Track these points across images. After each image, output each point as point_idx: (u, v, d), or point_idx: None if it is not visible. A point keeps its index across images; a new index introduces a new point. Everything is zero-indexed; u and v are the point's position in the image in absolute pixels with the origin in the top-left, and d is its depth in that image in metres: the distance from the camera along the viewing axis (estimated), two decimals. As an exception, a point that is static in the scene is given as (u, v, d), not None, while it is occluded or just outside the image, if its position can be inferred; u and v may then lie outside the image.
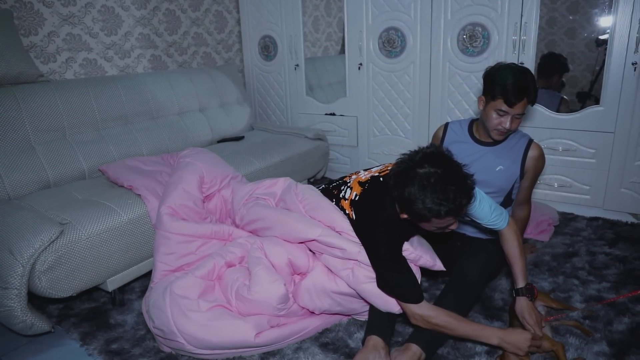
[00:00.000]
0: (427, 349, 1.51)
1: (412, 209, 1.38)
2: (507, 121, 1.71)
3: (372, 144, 3.30)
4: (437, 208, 1.33)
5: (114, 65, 2.91)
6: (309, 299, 1.68)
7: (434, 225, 1.43)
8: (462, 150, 1.93)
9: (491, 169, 1.86)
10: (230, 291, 1.66)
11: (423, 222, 1.42)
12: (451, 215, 1.36)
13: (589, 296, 1.88)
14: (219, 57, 3.67)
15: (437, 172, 1.34)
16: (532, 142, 1.87)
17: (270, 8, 3.44)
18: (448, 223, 1.41)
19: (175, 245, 1.82)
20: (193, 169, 2.06)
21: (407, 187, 1.36)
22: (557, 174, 2.71)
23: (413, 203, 1.35)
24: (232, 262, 1.77)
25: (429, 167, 1.36)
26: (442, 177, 1.34)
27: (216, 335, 1.55)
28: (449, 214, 1.35)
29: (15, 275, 1.60)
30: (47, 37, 2.54)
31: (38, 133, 2.20)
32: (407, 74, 3.01)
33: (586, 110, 2.56)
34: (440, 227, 1.44)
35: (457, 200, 1.33)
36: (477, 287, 1.67)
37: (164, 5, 3.16)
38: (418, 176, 1.35)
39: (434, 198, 1.32)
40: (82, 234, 1.77)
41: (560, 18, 3.60)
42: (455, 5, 2.73)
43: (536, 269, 2.11)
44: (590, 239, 2.39)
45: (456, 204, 1.33)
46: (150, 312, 1.66)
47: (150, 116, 2.77)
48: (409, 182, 1.36)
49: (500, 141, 1.86)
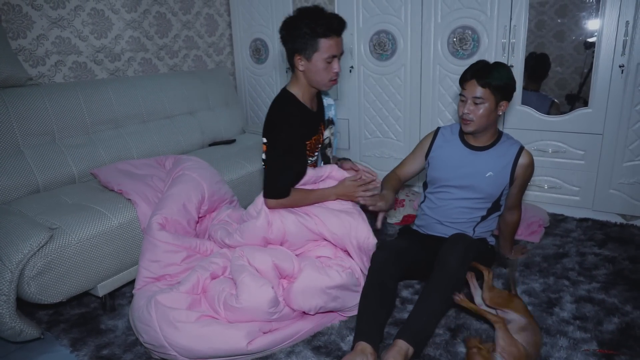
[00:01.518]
0: (414, 342, 1.50)
1: (300, 38, 1.66)
2: (464, 106, 1.77)
3: (363, 146, 3.31)
4: (320, 20, 1.63)
5: (104, 69, 2.89)
6: (304, 300, 1.67)
7: (323, 58, 1.67)
8: (452, 154, 1.94)
9: (481, 174, 1.87)
10: (218, 303, 1.64)
11: (313, 50, 1.66)
12: (334, 31, 1.65)
13: (579, 297, 1.90)
14: (210, 60, 3.66)
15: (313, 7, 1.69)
16: (523, 149, 1.88)
17: (261, 11, 3.44)
18: (337, 51, 1.69)
19: (161, 254, 1.80)
20: (197, 187, 2.03)
21: (293, 25, 1.66)
22: (547, 176, 2.73)
23: (300, 30, 1.64)
24: (216, 273, 1.76)
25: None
26: (317, 8, 1.68)
27: (208, 345, 1.54)
28: (332, 29, 1.65)
29: (4, 281, 1.58)
30: (36, 40, 2.52)
31: (27, 137, 2.18)
32: (398, 77, 3.02)
33: (575, 113, 2.59)
34: (329, 60, 1.68)
35: (332, 16, 1.66)
36: (456, 274, 1.63)
37: (154, 8, 3.14)
38: (298, 13, 1.67)
39: (312, 15, 1.64)
40: (72, 239, 1.75)
41: (549, 21, 3.63)
42: (445, 9, 2.75)
43: (527, 270, 2.12)
44: (580, 240, 2.41)
45: (332, 19, 1.65)
46: (137, 327, 1.64)
47: (141, 119, 2.75)
48: (292, 21, 1.67)
49: (489, 146, 1.87)
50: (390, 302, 1.67)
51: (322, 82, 1.75)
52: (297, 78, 1.79)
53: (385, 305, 1.63)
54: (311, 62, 1.70)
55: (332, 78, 1.75)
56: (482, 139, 1.89)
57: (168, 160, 2.37)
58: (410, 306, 1.88)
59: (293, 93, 1.79)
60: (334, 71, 1.73)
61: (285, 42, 1.73)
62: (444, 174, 1.95)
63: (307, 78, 1.76)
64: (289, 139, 1.72)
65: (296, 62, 1.73)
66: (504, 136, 1.93)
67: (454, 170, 1.92)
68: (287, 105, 1.77)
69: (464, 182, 1.89)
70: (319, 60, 1.69)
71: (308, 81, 1.77)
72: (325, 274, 1.70)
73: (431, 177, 2.01)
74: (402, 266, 1.74)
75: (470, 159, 1.89)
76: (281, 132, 1.72)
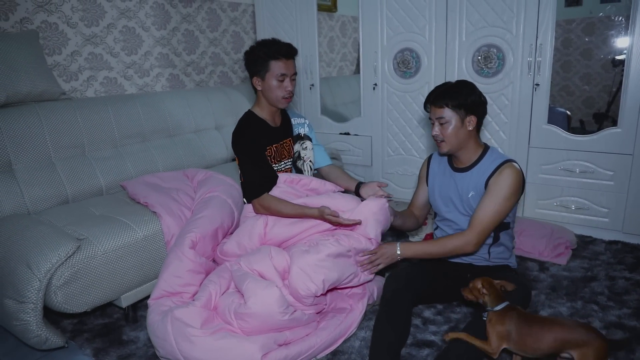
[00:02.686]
0: None
1: (255, 62, 1.95)
2: (433, 128, 1.78)
3: (386, 163, 3.30)
4: (269, 47, 1.94)
5: (134, 84, 2.98)
6: (307, 279, 1.69)
7: (275, 76, 1.94)
8: (443, 181, 1.91)
9: (464, 195, 1.82)
10: (229, 314, 1.65)
11: (264, 71, 1.95)
12: (283, 55, 1.94)
13: (609, 322, 1.83)
14: (235, 76, 3.74)
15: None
16: (506, 163, 1.74)
17: (287, 29, 3.50)
18: (287, 71, 1.95)
19: (185, 272, 1.82)
20: (230, 216, 2.08)
21: (251, 52, 1.97)
22: (574, 197, 2.67)
23: (255, 54, 1.95)
24: (226, 287, 1.80)
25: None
26: (273, 39, 2.00)
27: (223, 358, 1.54)
28: (281, 53, 1.93)
29: (32, 289, 1.62)
30: (70, 57, 2.61)
31: (58, 149, 2.25)
32: (421, 94, 3.02)
33: (603, 132, 2.54)
34: (280, 78, 1.95)
35: (282, 43, 1.96)
36: None
37: (183, 26, 3.23)
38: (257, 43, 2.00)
39: (266, 43, 1.96)
40: (98, 250, 1.79)
41: (575, 39, 3.59)
42: (470, 27, 2.75)
43: (554, 293, 2.06)
44: (609, 263, 2.34)
45: (282, 45, 1.95)
46: (153, 341, 1.66)
47: (168, 134, 2.82)
48: (251, 49, 1.98)
49: (472, 165, 1.80)
50: (404, 329, 1.65)
51: (276, 99, 2.00)
52: (258, 98, 2.08)
53: (398, 332, 1.61)
54: (265, 82, 1.98)
55: (285, 96, 1.99)
56: (464, 159, 1.82)
57: (198, 174, 2.39)
58: (432, 326, 1.85)
59: (253, 111, 2.08)
60: (286, 89, 1.98)
61: (247, 66, 2.03)
62: (439, 204, 1.93)
63: (264, 97, 2.03)
64: (247, 147, 1.98)
65: (254, 83, 2.02)
66: (489, 152, 1.82)
67: (442, 198, 1.91)
68: (244, 121, 2.05)
69: (454, 203, 1.86)
70: (271, 79, 1.96)
71: (266, 99, 2.03)
72: (314, 251, 1.74)
73: (433, 206, 2.00)
74: (414, 293, 1.74)
75: (455, 181, 1.85)
76: (239, 143, 2.00)
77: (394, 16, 3.00)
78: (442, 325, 1.86)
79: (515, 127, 2.75)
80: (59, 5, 2.52)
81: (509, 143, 2.79)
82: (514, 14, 2.60)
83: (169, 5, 3.11)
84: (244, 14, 3.70)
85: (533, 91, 2.64)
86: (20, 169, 2.10)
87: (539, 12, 2.53)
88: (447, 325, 1.85)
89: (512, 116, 2.75)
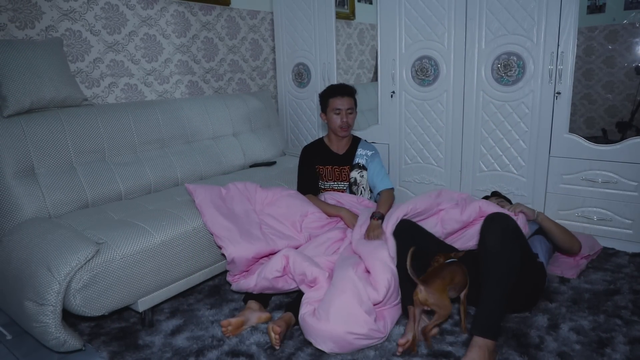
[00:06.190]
0: (490, 335, 1.62)
1: (321, 100, 2.53)
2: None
3: (403, 171, 3.28)
4: (329, 89, 2.51)
5: (153, 91, 3.02)
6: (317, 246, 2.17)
7: (334, 110, 2.46)
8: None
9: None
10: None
11: (326, 107, 2.49)
12: (338, 93, 2.45)
13: (633, 338, 1.78)
14: (253, 83, 3.77)
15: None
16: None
17: (305, 37, 3.52)
18: (341, 106, 2.44)
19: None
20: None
21: (320, 95, 2.56)
22: (596, 207, 2.61)
23: (321, 95, 2.53)
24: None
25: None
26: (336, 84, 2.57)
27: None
28: (336, 92, 2.46)
29: (52, 292, 1.64)
30: (92, 63, 2.67)
31: (80, 154, 2.29)
32: (440, 103, 3.00)
33: (627, 142, 2.48)
34: (337, 112, 2.45)
35: (342, 85, 2.51)
36: (501, 255, 1.68)
37: (202, 34, 3.28)
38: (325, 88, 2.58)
39: (330, 86, 2.55)
40: (116, 254, 1.80)
41: (598, 47, 3.54)
42: (489, 35, 2.72)
43: (575, 306, 2.01)
44: (633, 276, 2.28)
45: (340, 86, 2.50)
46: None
47: (186, 140, 2.84)
48: (321, 92, 2.57)
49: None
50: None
51: (334, 129, 2.50)
52: (327, 129, 2.59)
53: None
54: (327, 115, 2.51)
55: (342, 126, 2.47)
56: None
57: (257, 194, 2.38)
58: (449, 337, 1.82)
59: (323, 137, 2.66)
60: (342, 120, 2.45)
61: (320, 106, 2.56)
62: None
63: (329, 127, 2.55)
64: (300, 160, 2.62)
65: (322, 117, 2.57)
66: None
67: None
68: (311, 142, 2.70)
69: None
70: (330, 113, 2.48)
71: (330, 129, 2.55)
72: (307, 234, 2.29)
73: None
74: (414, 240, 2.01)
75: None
76: (300, 155, 2.65)
77: (412, 24, 2.99)
78: (460, 336, 1.83)
79: (535, 136, 2.71)
80: (82, 13, 2.58)
81: (529, 152, 2.75)
82: (535, 22, 2.57)
83: (189, 13, 3.16)
84: (262, 21, 3.73)
85: (554, 99, 2.60)
86: (42, 173, 2.14)
87: (561, 20, 2.50)
88: (465, 337, 1.82)
89: (533, 125, 2.71)
